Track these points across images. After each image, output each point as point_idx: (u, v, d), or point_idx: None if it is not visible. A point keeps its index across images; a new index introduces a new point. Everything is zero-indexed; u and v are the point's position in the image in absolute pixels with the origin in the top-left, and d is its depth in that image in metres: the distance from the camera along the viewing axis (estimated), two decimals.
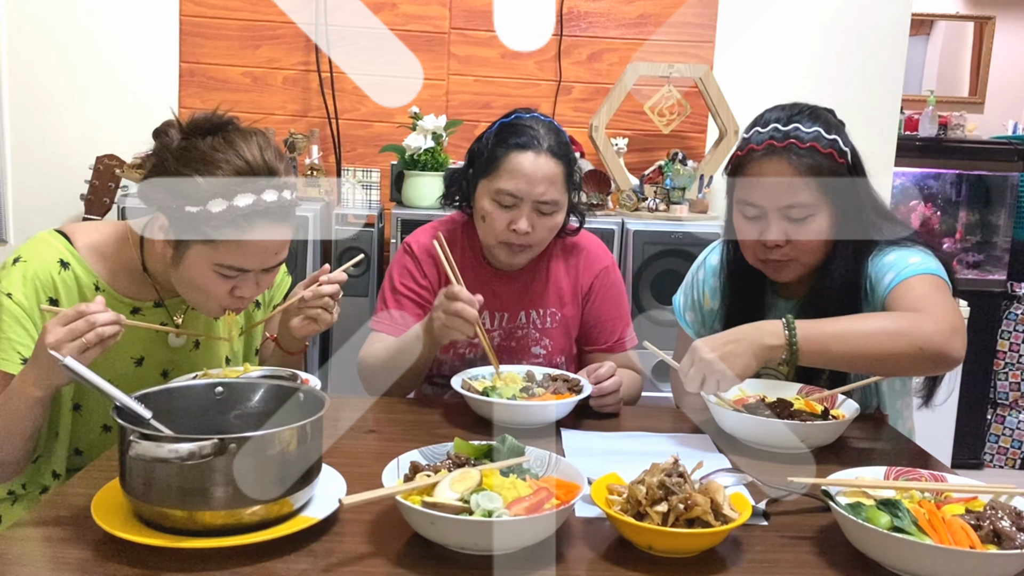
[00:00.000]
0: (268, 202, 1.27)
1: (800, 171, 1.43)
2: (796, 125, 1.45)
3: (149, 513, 0.95)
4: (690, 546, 0.97)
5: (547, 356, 1.75)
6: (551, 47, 3.07)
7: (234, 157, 1.25)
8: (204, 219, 1.25)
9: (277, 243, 1.32)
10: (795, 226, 1.45)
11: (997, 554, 0.92)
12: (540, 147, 1.60)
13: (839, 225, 1.46)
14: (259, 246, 1.29)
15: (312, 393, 1.10)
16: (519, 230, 1.60)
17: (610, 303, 1.77)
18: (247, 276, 1.33)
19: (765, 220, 1.47)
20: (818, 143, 1.43)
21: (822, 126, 1.45)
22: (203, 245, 1.28)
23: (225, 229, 1.26)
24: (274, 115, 3.02)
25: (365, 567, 0.94)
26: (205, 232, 1.26)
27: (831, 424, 1.35)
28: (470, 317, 1.44)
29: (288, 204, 1.31)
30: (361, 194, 2.78)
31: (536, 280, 1.74)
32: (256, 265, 1.32)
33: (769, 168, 1.44)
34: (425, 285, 1.72)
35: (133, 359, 1.43)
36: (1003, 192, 4.04)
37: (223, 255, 1.28)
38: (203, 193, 1.24)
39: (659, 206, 2.80)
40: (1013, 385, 3.91)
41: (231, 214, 1.25)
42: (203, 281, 1.31)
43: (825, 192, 1.43)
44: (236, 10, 2.99)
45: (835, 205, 1.45)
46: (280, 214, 1.30)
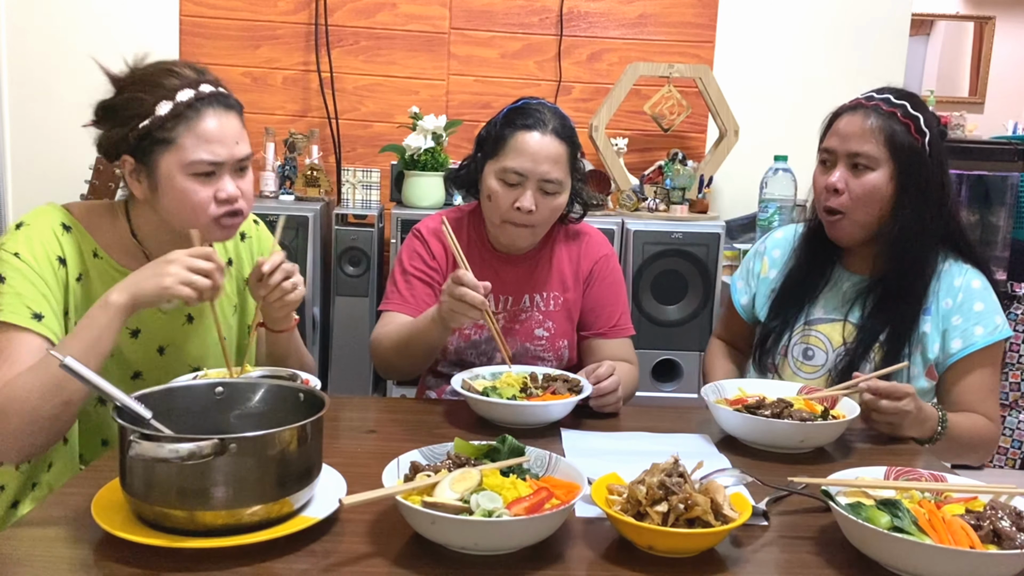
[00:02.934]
0: (207, 92, 1.36)
1: (873, 126, 1.57)
2: (888, 96, 1.60)
3: (149, 513, 0.95)
4: (690, 546, 0.97)
5: (550, 338, 1.77)
6: (551, 47, 3.07)
7: (166, 67, 1.37)
8: (158, 125, 1.33)
9: (234, 131, 1.38)
10: (855, 175, 1.58)
11: (997, 554, 0.92)
12: (545, 128, 1.65)
13: (900, 193, 1.57)
14: (216, 133, 1.35)
15: (312, 393, 1.10)
16: (523, 208, 1.63)
17: (608, 289, 1.80)
18: (222, 174, 1.37)
19: (834, 167, 1.61)
20: (899, 111, 1.57)
21: (909, 102, 1.59)
22: (168, 153, 1.34)
23: (180, 126, 1.33)
24: (274, 115, 3.03)
25: (365, 567, 0.94)
26: (164, 138, 1.33)
27: (831, 424, 1.35)
28: (474, 301, 1.45)
29: (227, 96, 1.40)
30: (361, 194, 2.78)
31: (540, 264, 1.78)
32: (223, 154, 1.35)
33: (849, 120, 1.60)
34: (434, 266, 1.76)
35: (129, 330, 1.44)
36: (1003, 192, 4.04)
37: (188, 151, 1.33)
38: (148, 104, 1.33)
39: (659, 206, 2.81)
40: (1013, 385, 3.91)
41: (179, 108, 1.33)
42: (183, 192, 1.35)
43: (891, 152, 1.56)
44: (236, 10, 2.99)
45: (899, 170, 1.57)
46: (223, 103, 1.38)
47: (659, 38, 3.08)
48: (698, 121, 3.11)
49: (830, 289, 1.69)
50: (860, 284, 1.66)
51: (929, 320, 1.60)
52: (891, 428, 1.43)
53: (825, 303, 1.68)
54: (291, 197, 2.77)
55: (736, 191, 3.05)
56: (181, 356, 1.50)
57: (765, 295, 1.77)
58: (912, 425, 1.43)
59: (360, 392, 2.66)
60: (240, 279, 1.60)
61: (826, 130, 1.66)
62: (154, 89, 1.34)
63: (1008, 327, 1.60)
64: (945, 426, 1.48)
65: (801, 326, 1.69)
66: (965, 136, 4.33)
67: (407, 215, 2.61)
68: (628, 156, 3.05)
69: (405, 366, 1.71)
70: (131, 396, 1.00)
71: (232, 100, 1.41)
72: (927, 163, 1.57)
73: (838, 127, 1.61)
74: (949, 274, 1.63)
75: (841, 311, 1.66)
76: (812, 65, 3.08)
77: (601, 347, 1.77)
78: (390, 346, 1.67)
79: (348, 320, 2.66)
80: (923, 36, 4.79)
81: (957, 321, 1.59)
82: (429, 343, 1.61)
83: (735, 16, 3.07)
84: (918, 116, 1.57)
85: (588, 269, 1.80)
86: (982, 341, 1.57)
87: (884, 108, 1.57)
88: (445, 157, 2.74)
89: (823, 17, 3.08)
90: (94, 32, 2.91)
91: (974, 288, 1.61)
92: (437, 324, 1.55)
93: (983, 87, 4.74)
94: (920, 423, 1.45)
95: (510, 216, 1.65)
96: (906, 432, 1.44)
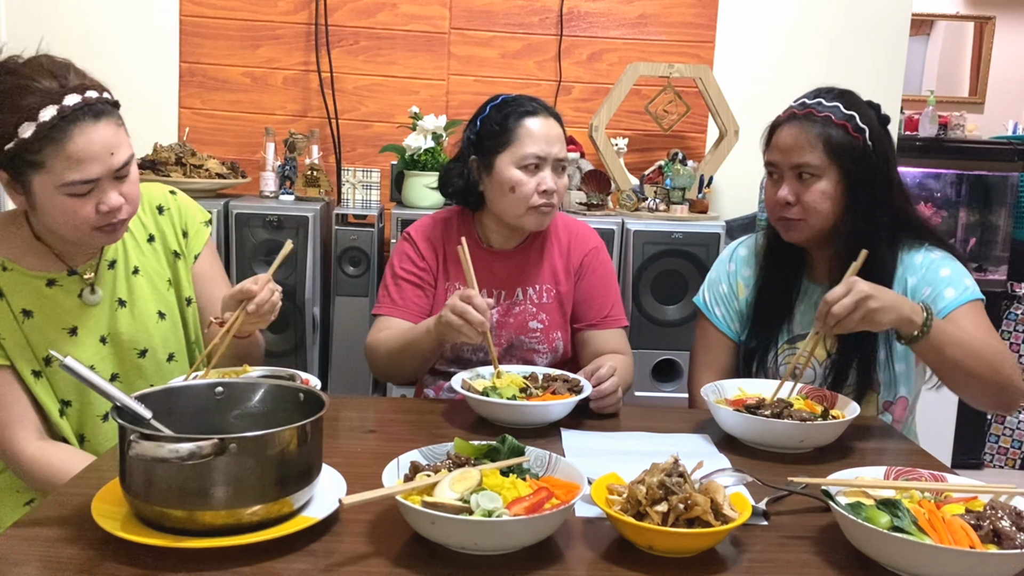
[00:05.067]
0: (72, 106, 1.26)
1: (811, 135, 1.57)
2: (820, 100, 1.60)
3: (149, 513, 0.95)
4: (690, 546, 0.97)
5: (544, 331, 1.79)
6: (551, 47, 3.07)
7: (24, 82, 1.26)
8: (23, 148, 1.26)
9: (106, 143, 1.29)
10: (803, 185, 1.58)
11: (997, 554, 0.92)
12: (544, 111, 1.72)
13: (849, 194, 1.58)
14: (86, 151, 1.27)
15: (312, 393, 1.10)
16: (549, 189, 1.69)
17: (599, 280, 1.82)
18: (101, 187, 1.31)
19: (781, 180, 1.62)
20: (833, 114, 1.57)
21: (843, 103, 1.59)
22: (39, 175, 1.28)
23: (47, 148, 1.26)
24: (274, 115, 3.02)
25: (365, 567, 0.94)
26: (32, 160, 1.27)
27: (831, 424, 1.35)
28: (474, 320, 1.45)
29: (96, 103, 1.30)
30: (361, 194, 2.78)
31: (531, 258, 1.80)
32: (98, 171, 1.30)
33: (787, 132, 1.60)
34: (423, 267, 1.79)
35: (66, 330, 1.43)
36: (1003, 192, 4.04)
37: (60, 174, 1.28)
38: (10, 126, 1.25)
39: (659, 206, 2.80)
40: None
41: (43, 131, 1.25)
42: (62, 210, 1.31)
43: (832, 158, 1.56)
44: (236, 10, 2.99)
45: (844, 172, 1.57)
46: (92, 113, 1.28)
47: (659, 38, 3.08)
48: (698, 121, 3.11)
49: (803, 303, 1.68)
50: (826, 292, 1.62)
51: None
52: (868, 323, 1.36)
53: (802, 317, 1.67)
54: (291, 197, 2.77)
55: (736, 191, 3.05)
56: (122, 341, 1.49)
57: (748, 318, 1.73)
58: (884, 311, 1.35)
59: (360, 392, 2.65)
60: (167, 252, 1.57)
61: (767, 143, 1.66)
62: (14, 110, 1.25)
63: (979, 291, 1.56)
64: (928, 309, 1.39)
65: (783, 344, 1.68)
66: (965, 136, 4.32)
67: (407, 215, 2.61)
68: (628, 156, 3.05)
69: (400, 372, 1.73)
70: (131, 396, 1.01)
71: (101, 105, 1.30)
72: (871, 159, 1.57)
73: (777, 140, 1.61)
74: (910, 257, 1.62)
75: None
76: (812, 65, 3.08)
77: (594, 338, 1.78)
78: (385, 354, 1.69)
79: (348, 320, 2.66)
80: (923, 36, 4.78)
81: (927, 292, 1.57)
82: (423, 353, 1.63)
83: (735, 16, 3.07)
84: (852, 115, 1.57)
85: (579, 261, 1.82)
86: (954, 303, 1.53)
87: (818, 114, 1.57)
88: (445, 157, 2.74)
89: (823, 17, 3.08)
90: (94, 32, 2.91)
91: (935, 259, 1.60)
92: (432, 336, 1.56)
93: (983, 87, 4.74)
94: (892, 306, 1.36)
95: (535, 201, 1.69)
96: (884, 318, 1.36)
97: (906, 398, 1.64)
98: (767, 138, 1.66)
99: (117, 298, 1.49)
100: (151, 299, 1.53)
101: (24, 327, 1.40)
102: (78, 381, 0.99)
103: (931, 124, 4.22)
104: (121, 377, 1.48)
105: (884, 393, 1.63)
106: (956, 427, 3.57)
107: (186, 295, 1.59)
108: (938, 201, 4.08)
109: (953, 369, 1.45)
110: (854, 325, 1.36)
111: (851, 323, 1.35)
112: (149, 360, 1.51)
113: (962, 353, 1.43)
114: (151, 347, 1.52)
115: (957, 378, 1.47)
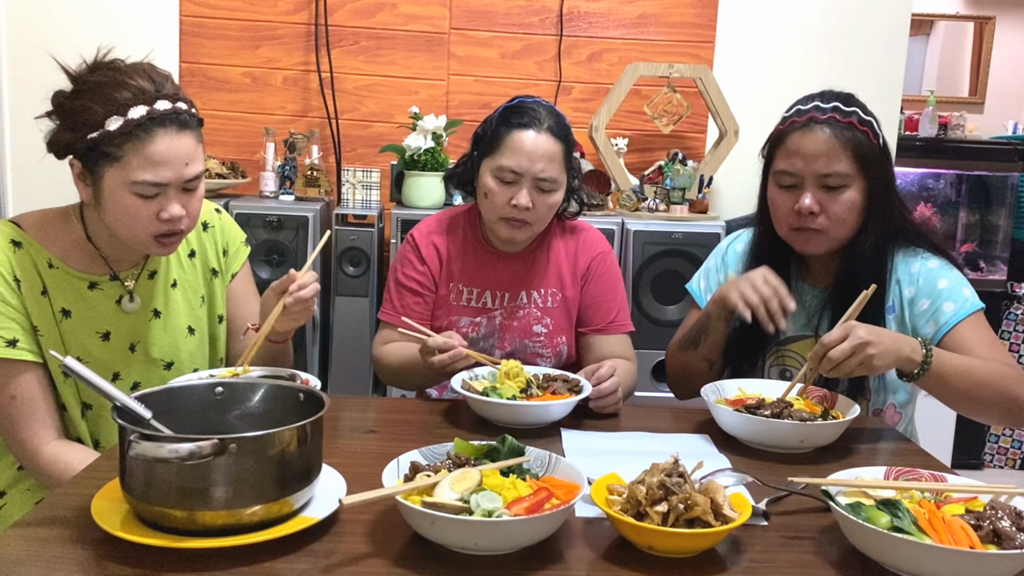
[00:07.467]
0: (162, 111, 1.32)
1: (840, 142, 1.51)
2: (837, 104, 1.54)
3: (149, 513, 0.95)
4: (690, 546, 0.97)
5: (548, 335, 1.78)
6: (551, 47, 3.07)
7: (123, 78, 1.32)
8: (106, 140, 1.30)
9: (184, 152, 1.34)
10: (830, 195, 1.52)
11: (997, 554, 0.92)
12: (540, 126, 1.67)
13: (870, 203, 1.54)
14: (165, 155, 1.32)
15: (312, 393, 1.10)
16: (519, 205, 1.66)
17: (606, 285, 1.81)
18: (167, 194, 1.35)
19: (801, 188, 1.54)
20: (855, 119, 1.52)
21: (859, 108, 1.55)
22: (113, 168, 1.32)
23: (127, 144, 1.30)
24: (274, 115, 3.02)
25: (365, 567, 0.94)
26: (111, 153, 1.30)
27: (831, 424, 1.35)
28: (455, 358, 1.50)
29: (184, 113, 1.35)
30: (361, 194, 2.78)
31: (537, 261, 1.80)
32: (169, 176, 1.33)
33: (810, 138, 1.52)
34: (423, 271, 1.80)
35: (99, 334, 1.45)
36: (1003, 192, 4.04)
37: (134, 170, 1.31)
38: (99, 116, 1.29)
39: (659, 206, 2.80)
40: None
41: (128, 127, 1.29)
42: (124, 208, 1.34)
43: (861, 165, 1.51)
44: (236, 10, 2.99)
45: (868, 181, 1.53)
46: (178, 122, 1.33)
47: (659, 38, 3.08)
48: (698, 121, 3.11)
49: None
50: (822, 296, 1.62)
51: (893, 318, 1.57)
52: (866, 369, 1.33)
53: (793, 320, 1.62)
54: (291, 197, 2.77)
55: (736, 191, 3.04)
56: (151, 352, 1.50)
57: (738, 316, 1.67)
58: (882, 356, 1.32)
59: (360, 392, 2.65)
60: (205, 269, 1.60)
61: (775, 148, 1.58)
62: (106, 102, 1.30)
63: (978, 299, 1.52)
64: (928, 345, 1.38)
65: (773, 347, 1.66)
66: (965, 136, 4.32)
67: (407, 215, 2.61)
68: (628, 156, 3.05)
69: (411, 387, 1.82)
70: (131, 396, 1.01)
71: (187, 116, 1.36)
72: (887, 167, 1.55)
73: (798, 147, 1.52)
74: (904, 263, 1.59)
75: (810, 326, 1.63)
76: (812, 65, 3.08)
77: (599, 343, 1.78)
78: (390, 372, 1.76)
79: (348, 320, 2.66)
80: (923, 36, 4.79)
81: (925, 305, 1.54)
82: (429, 377, 1.68)
83: (735, 16, 3.07)
84: (871, 120, 1.54)
85: (585, 266, 1.81)
86: (955, 318, 1.51)
87: (840, 120, 1.51)
88: (445, 157, 2.74)
89: (823, 17, 3.08)
90: (94, 32, 2.91)
91: (932, 268, 1.57)
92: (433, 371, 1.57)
93: (983, 87, 4.74)
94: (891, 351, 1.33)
95: (506, 213, 1.68)
96: (882, 363, 1.33)
97: (894, 404, 1.63)
98: (776, 144, 1.58)
99: (153, 308, 1.51)
100: (184, 314, 1.55)
101: (61, 326, 1.41)
102: None
103: (931, 124, 4.22)
104: (143, 386, 1.49)
105: (874, 400, 1.62)
106: (956, 427, 3.57)
107: (218, 312, 1.62)
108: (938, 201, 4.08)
109: (959, 399, 1.44)
110: (850, 370, 1.33)
111: (847, 368, 1.32)
112: (174, 373, 1.52)
113: (966, 383, 1.40)
114: (178, 361, 1.53)
115: (964, 406, 1.47)
